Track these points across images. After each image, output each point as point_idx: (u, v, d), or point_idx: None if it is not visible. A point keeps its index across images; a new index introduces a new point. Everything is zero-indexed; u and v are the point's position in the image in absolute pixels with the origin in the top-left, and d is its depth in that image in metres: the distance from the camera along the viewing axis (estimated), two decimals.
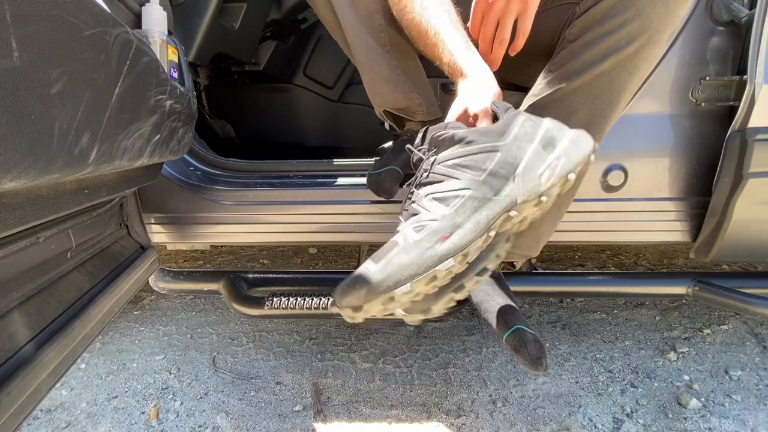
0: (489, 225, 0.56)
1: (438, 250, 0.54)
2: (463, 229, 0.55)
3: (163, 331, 1.29)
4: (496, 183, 0.57)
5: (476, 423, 0.94)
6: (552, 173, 0.55)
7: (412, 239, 0.55)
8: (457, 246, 0.54)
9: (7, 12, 0.33)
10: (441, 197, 0.58)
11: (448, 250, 0.54)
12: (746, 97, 0.80)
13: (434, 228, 0.55)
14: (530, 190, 0.55)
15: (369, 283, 0.53)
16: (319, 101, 1.93)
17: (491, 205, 0.56)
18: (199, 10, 1.08)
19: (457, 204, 0.56)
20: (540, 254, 0.88)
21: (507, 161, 0.57)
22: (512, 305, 0.77)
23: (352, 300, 0.54)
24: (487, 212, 0.56)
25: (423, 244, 0.54)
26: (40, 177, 0.40)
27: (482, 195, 0.56)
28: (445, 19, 0.67)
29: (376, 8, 0.78)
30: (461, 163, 0.59)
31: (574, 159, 0.55)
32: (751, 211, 0.84)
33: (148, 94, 0.59)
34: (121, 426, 0.96)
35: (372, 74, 0.81)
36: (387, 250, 0.57)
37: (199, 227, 1.01)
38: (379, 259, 0.56)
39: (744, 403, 0.97)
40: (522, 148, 0.57)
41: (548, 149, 0.57)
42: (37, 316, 0.57)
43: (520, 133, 0.58)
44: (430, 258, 0.53)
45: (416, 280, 0.53)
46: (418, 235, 0.55)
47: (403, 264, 0.54)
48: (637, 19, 0.63)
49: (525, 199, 0.55)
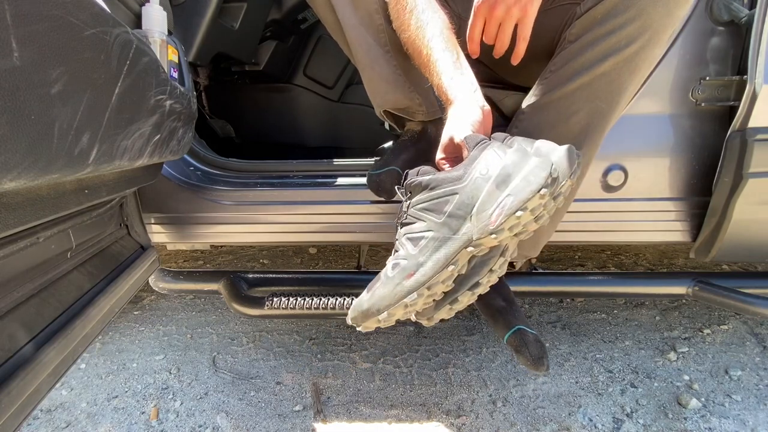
0: (448, 261, 0.62)
1: (405, 285, 0.64)
2: (424, 267, 0.63)
3: (163, 331, 1.29)
4: (454, 223, 0.62)
5: (476, 423, 0.94)
6: (501, 212, 0.58)
7: (388, 275, 0.66)
8: (419, 282, 0.63)
9: (7, 12, 0.33)
10: (412, 237, 0.67)
11: (411, 286, 0.63)
12: (746, 97, 0.80)
13: (402, 266, 0.65)
14: (482, 228, 0.60)
15: (362, 308, 0.67)
16: (319, 101, 1.93)
17: (450, 243, 0.63)
18: (199, 10, 1.08)
19: (422, 245, 0.65)
20: (540, 254, 0.88)
21: (464, 202, 0.62)
22: (513, 305, 0.77)
23: (355, 320, 0.69)
24: (445, 251, 0.63)
25: (394, 281, 0.65)
26: (40, 177, 0.40)
27: (442, 235, 0.63)
28: (437, 39, 0.68)
29: (376, 8, 0.78)
30: (426, 207, 0.66)
31: (521, 197, 0.57)
32: (751, 211, 0.84)
33: (148, 94, 0.59)
34: (121, 426, 0.96)
35: (372, 74, 0.81)
36: (375, 282, 0.69)
37: (199, 227, 1.00)
38: (369, 289, 0.68)
39: (744, 403, 0.97)
40: (479, 188, 0.61)
41: (501, 187, 0.59)
42: (37, 316, 0.57)
43: (477, 174, 0.61)
44: (399, 292, 0.64)
45: (391, 308, 0.65)
46: (392, 272, 0.66)
47: (380, 296, 0.66)
48: (637, 19, 0.63)
49: (479, 237, 0.60)
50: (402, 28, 0.72)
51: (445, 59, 0.66)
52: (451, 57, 0.67)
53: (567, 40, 0.70)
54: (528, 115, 0.74)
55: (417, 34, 0.69)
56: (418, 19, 0.70)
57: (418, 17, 0.70)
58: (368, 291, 0.68)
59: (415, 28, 0.70)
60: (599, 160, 0.90)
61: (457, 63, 0.67)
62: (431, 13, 0.69)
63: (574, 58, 0.68)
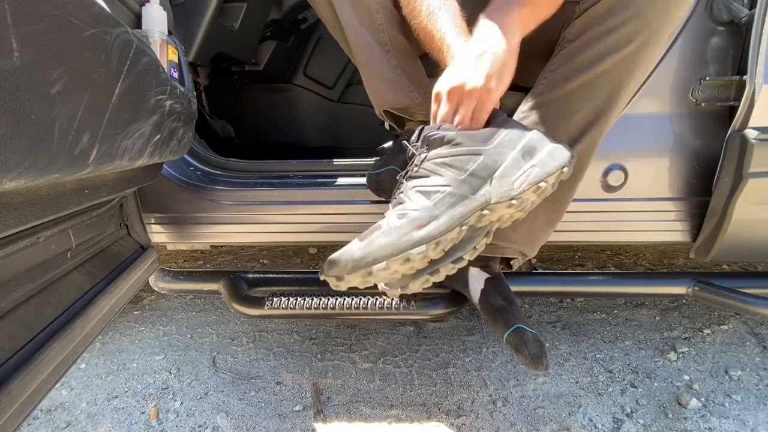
0: (462, 220, 0.62)
1: (414, 236, 0.61)
2: (439, 220, 0.61)
3: (163, 331, 1.29)
4: (475, 183, 0.62)
5: (476, 423, 0.94)
6: (525, 180, 0.60)
7: (393, 224, 0.63)
8: (430, 235, 0.61)
9: (7, 12, 0.33)
10: (425, 191, 0.65)
11: (422, 237, 0.61)
12: (746, 97, 0.80)
13: (413, 217, 0.62)
14: (503, 193, 0.61)
15: (353, 257, 0.62)
16: (319, 101, 1.93)
17: (467, 202, 0.62)
18: (199, 10, 1.08)
19: (437, 198, 0.63)
20: (540, 254, 0.88)
21: (487, 165, 0.62)
22: (512, 305, 0.77)
23: (336, 271, 0.63)
24: (462, 209, 0.62)
25: (402, 230, 0.61)
26: (40, 177, 0.40)
27: (460, 193, 0.62)
28: (450, 24, 0.69)
29: (376, 8, 0.78)
30: (447, 162, 0.65)
31: (547, 169, 0.60)
32: (751, 211, 0.84)
33: (148, 94, 0.59)
34: (121, 426, 0.96)
35: (372, 74, 0.82)
36: (371, 231, 0.64)
37: (199, 227, 1.01)
38: (363, 238, 0.64)
39: (744, 403, 0.97)
40: (503, 154, 0.62)
41: (526, 158, 0.61)
42: (37, 316, 0.57)
43: (504, 140, 0.63)
44: (406, 242, 0.61)
45: (391, 259, 0.61)
46: (399, 221, 0.63)
47: (382, 245, 0.61)
48: (636, 18, 0.63)
49: (497, 201, 0.61)
50: (413, 14, 0.73)
51: (460, 43, 0.67)
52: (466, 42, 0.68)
53: (566, 39, 0.70)
54: (528, 114, 0.74)
55: (429, 19, 0.70)
56: (429, 5, 0.71)
57: (429, 3, 0.71)
58: (362, 240, 0.63)
59: (426, 13, 0.71)
60: (599, 160, 0.90)
61: None
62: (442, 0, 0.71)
63: (573, 57, 0.68)
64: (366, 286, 0.65)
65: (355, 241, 0.64)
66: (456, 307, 0.90)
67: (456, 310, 0.90)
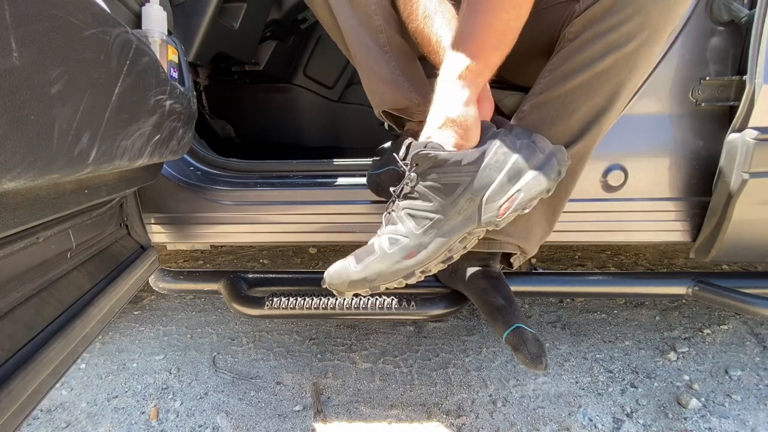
0: (449, 245, 0.66)
1: (405, 264, 0.67)
2: (428, 249, 0.66)
3: (163, 331, 1.29)
4: (461, 209, 0.65)
5: (476, 423, 0.94)
6: (509, 206, 0.63)
7: (386, 251, 0.68)
8: (420, 262, 0.67)
9: (7, 12, 0.33)
10: (414, 214, 0.68)
11: (412, 266, 0.67)
12: (746, 97, 0.80)
13: (404, 245, 0.67)
14: (488, 219, 0.64)
15: (351, 278, 0.69)
16: (319, 101, 1.93)
17: (455, 227, 0.66)
18: (199, 10, 1.08)
19: (426, 225, 0.67)
20: (540, 254, 0.88)
21: (475, 188, 0.64)
22: (512, 304, 0.77)
23: (338, 286, 0.71)
24: (448, 236, 0.66)
25: (394, 258, 0.67)
26: (40, 177, 0.40)
27: (448, 218, 0.66)
28: (446, 28, 0.70)
29: (374, 9, 0.78)
30: (435, 186, 0.66)
31: (531, 194, 0.62)
32: (751, 211, 0.84)
33: (148, 94, 0.59)
34: (121, 426, 0.96)
35: (371, 75, 0.81)
36: (367, 253, 0.70)
37: (199, 227, 1.01)
38: (359, 260, 0.70)
39: (744, 403, 0.97)
40: (490, 177, 0.64)
41: (513, 181, 0.63)
42: (37, 316, 0.57)
43: (492, 162, 0.64)
44: (398, 270, 0.68)
45: (387, 284, 0.69)
46: (391, 249, 0.68)
47: (376, 271, 0.68)
48: (636, 16, 0.63)
49: (483, 226, 0.65)
50: (410, 17, 0.74)
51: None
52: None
53: (566, 38, 0.70)
54: (528, 114, 0.74)
55: (425, 22, 0.72)
56: (425, 8, 0.72)
57: (425, 6, 0.72)
58: (358, 262, 0.70)
59: (423, 17, 0.72)
60: (599, 160, 0.90)
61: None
62: (438, 3, 0.71)
63: (573, 56, 0.68)
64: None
65: (351, 259, 0.71)
66: (456, 307, 0.90)
67: (456, 310, 0.90)
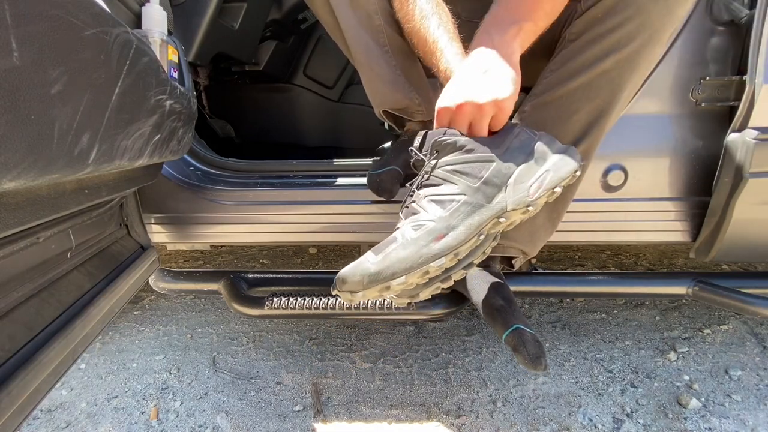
0: (480, 229, 0.61)
1: (432, 248, 0.60)
2: (456, 231, 0.60)
3: (163, 331, 1.29)
4: (489, 191, 0.62)
5: (476, 423, 0.94)
6: (540, 185, 0.60)
7: (410, 237, 0.61)
8: (449, 246, 0.60)
9: (7, 12, 0.33)
10: (438, 200, 0.63)
11: (441, 249, 0.60)
12: (746, 97, 0.80)
13: (430, 228, 0.61)
14: (519, 200, 0.61)
15: (369, 271, 0.60)
16: (319, 101, 1.93)
17: (483, 211, 0.61)
18: (199, 10, 1.08)
19: (453, 208, 0.62)
20: (540, 254, 0.88)
21: (501, 171, 0.61)
22: (512, 305, 0.77)
23: (350, 286, 0.61)
24: (478, 217, 0.61)
25: (419, 242, 0.60)
26: (40, 177, 0.40)
27: (475, 201, 0.61)
28: (442, 29, 0.69)
29: (375, 9, 0.78)
30: (459, 169, 0.63)
31: (561, 174, 0.60)
32: (751, 211, 0.84)
33: (148, 94, 0.59)
34: (121, 426, 0.96)
35: (371, 74, 0.82)
36: (386, 244, 0.62)
37: (199, 227, 1.00)
38: (378, 251, 0.62)
39: (744, 403, 0.97)
40: (515, 159, 0.62)
41: (539, 162, 0.61)
42: (37, 316, 0.57)
43: (515, 146, 0.63)
44: (425, 255, 0.59)
45: (411, 273, 0.59)
46: (416, 233, 0.61)
47: (400, 258, 0.60)
48: (637, 17, 0.63)
49: (513, 208, 0.61)
50: (406, 18, 0.73)
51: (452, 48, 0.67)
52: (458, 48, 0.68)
53: (567, 39, 0.70)
54: (529, 114, 0.74)
55: (422, 23, 0.70)
56: (422, 9, 0.71)
57: (422, 7, 0.71)
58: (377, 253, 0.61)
59: (419, 18, 0.71)
60: (599, 160, 0.90)
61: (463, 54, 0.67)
62: (434, 5, 0.71)
63: (574, 56, 0.68)
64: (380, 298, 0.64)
65: (369, 254, 0.62)
66: (456, 307, 0.90)
67: (456, 310, 0.90)
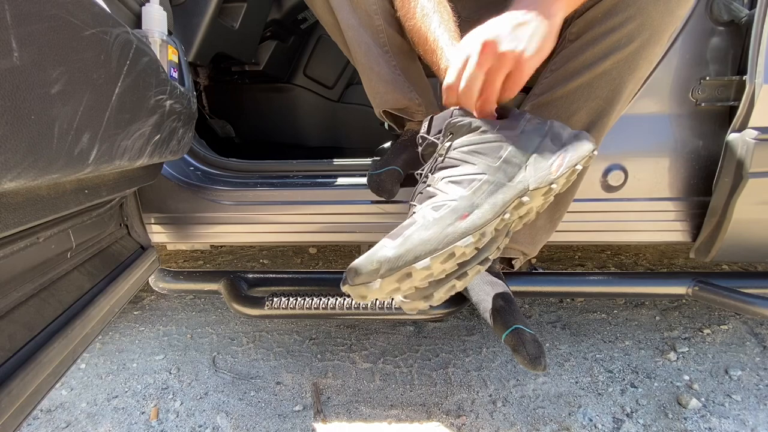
0: (504, 208, 0.58)
1: (459, 227, 0.55)
2: (481, 209, 0.57)
3: (163, 331, 1.29)
4: (510, 170, 0.60)
5: (476, 423, 0.94)
6: (562, 162, 0.59)
7: (432, 217, 0.57)
8: (475, 224, 0.56)
9: (7, 12, 0.33)
10: (458, 180, 0.60)
11: (468, 228, 0.55)
12: (746, 97, 0.80)
13: (453, 207, 0.57)
14: (542, 177, 0.59)
15: (388, 257, 0.53)
16: (319, 101, 1.93)
17: (506, 189, 0.59)
18: (199, 10, 1.08)
19: (475, 186, 0.59)
20: (540, 254, 0.88)
21: (519, 151, 0.60)
22: (511, 305, 0.77)
23: (365, 277, 0.54)
24: (502, 196, 0.58)
25: (444, 221, 0.56)
26: (40, 177, 0.40)
27: (497, 180, 0.59)
28: (443, 28, 0.69)
29: (375, 9, 0.78)
30: (477, 150, 0.61)
31: (580, 152, 0.60)
32: (751, 211, 0.84)
33: (148, 94, 0.59)
34: (121, 426, 0.96)
35: (371, 75, 0.82)
36: (405, 227, 0.57)
37: (199, 227, 1.00)
38: (396, 236, 0.56)
39: (744, 403, 0.97)
40: (531, 140, 0.61)
41: (555, 142, 0.61)
42: (37, 316, 0.57)
43: (528, 128, 0.62)
44: (451, 234, 0.55)
45: (435, 255, 0.54)
46: (438, 213, 0.57)
47: (423, 239, 0.54)
48: (637, 17, 0.63)
49: (537, 186, 0.58)
50: (407, 16, 0.73)
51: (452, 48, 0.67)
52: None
53: (567, 39, 0.70)
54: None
55: (423, 22, 0.70)
56: (423, 7, 0.70)
57: (423, 5, 0.71)
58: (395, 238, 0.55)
59: (420, 16, 0.70)
60: (599, 160, 0.90)
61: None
62: (436, 3, 0.70)
63: (574, 57, 0.68)
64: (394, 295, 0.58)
65: (385, 240, 0.57)
66: (456, 307, 0.90)
67: (456, 310, 0.90)
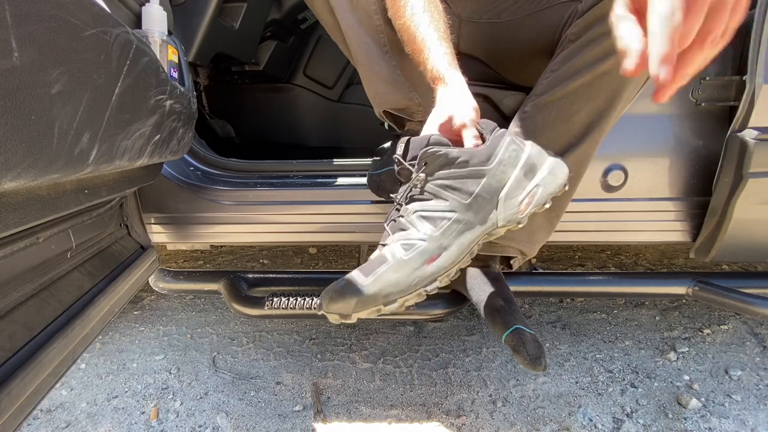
0: (471, 246, 0.61)
1: (426, 270, 0.58)
2: (449, 251, 0.59)
3: (163, 331, 1.29)
4: (480, 207, 0.61)
5: (476, 423, 0.94)
6: (530, 201, 0.60)
7: (401, 257, 0.59)
8: (442, 267, 0.59)
9: (7, 12, 0.33)
10: (429, 216, 0.61)
11: (435, 272, 0.58)
12: (746, 97, 0.80)
13: (422, 249, 0.59)
14: (509, 216, 0.60)
15: (360, 294, 0.57)
16: (319, 101, 1.93)
17: (475, 229, 0.61)
18: (199, 10, 1.08)
19: (444, 226, 0.60)
20: (540, 254, 0.88)
21: (491, 186, 0.61)
22: (511, 305, 0.77)
23: (341, 308, 0.58)
24: (470, 235, 0.60)
25: (411, 264, 0.58)
26: (40, 177, 0.40)
27: (467, 219, 0.61)
28: (432, 29, 0.68)
29: (375, 9, 0.78)
30: (450, 184, 0.62)
31: (550, 189, 0.60)
32: (751, 211, 0.84)
33: (148, 94, 0.59)
34: (121, 426, 0.96)
35: (371, 75, 0.81)
36: (376, 264, 0.60)
37: (199, 227, 1.00)
38: (368, 272, 0.59)
39: (744, 403, 0.97)
40: (506, 173, 0.61)
41: (528, 176, 0.61)
42: (37, 316, 0.57)
43: (505, 158, 0.61)
44: (419, 278, 0.58)
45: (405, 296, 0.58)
46: (407, 254, 0.59)
47: (392, 281, 0.57)
48: None
49: (504, 224, 0.61)
50: (397, 15, 0.72)
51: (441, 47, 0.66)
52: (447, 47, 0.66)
53: (568, 39, 0.70)
54: (529, 115, 0.74)
55: (412, 20, 0.69)
56: (412, 6, 0.69)
57: (413, 4, 0.69)
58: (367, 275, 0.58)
59: (410, 14, 0.69)
60: (599, 160, 0.90)
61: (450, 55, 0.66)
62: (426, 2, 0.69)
63: (575, 57, 0.68)
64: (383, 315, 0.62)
65: (357, 274, 0.60)
66: (456, 307, 0.90)
67: (456, 310, 0.90)
